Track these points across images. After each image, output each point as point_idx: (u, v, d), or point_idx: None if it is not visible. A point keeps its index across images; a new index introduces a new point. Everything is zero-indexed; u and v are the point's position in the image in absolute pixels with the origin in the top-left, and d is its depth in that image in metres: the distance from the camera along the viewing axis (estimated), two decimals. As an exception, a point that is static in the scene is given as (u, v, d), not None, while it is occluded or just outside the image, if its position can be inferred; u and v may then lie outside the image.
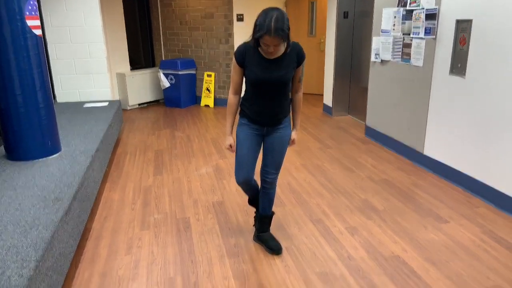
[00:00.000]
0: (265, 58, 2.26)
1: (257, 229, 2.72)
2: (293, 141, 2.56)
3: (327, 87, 6.35)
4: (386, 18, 4.44)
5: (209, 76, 6.99)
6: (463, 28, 3.35)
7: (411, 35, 4.01)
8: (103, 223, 3.03)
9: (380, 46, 4.59)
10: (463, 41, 3.36)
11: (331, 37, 6.03)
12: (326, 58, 6.28)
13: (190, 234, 2.84)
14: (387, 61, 4.51)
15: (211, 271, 2.42)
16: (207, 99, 7.10)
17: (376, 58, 4.70)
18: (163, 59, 7.30)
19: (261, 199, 2.64)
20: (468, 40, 3.29)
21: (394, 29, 4.31)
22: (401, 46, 4.22)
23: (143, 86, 7.05)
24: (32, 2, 2.88)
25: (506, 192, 3.05)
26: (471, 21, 3.26)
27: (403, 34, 4.16)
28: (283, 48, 2.22)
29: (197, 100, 7.26)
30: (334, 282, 2.29)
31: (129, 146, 4.90)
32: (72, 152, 3.25)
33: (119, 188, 3.66)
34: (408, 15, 4.05)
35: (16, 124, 2.94)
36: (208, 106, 7.10)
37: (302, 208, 3.20)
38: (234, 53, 2.31)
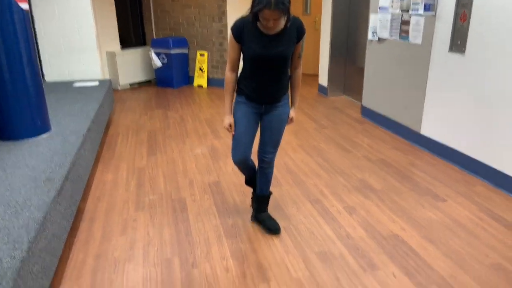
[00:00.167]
0: (264, 33, 2.16)
1: (254, 209, 2.68)
2: (291, 119, 2.50)
3: (322, 67, 6.26)
4: (384, -5, 4.33)
5: (202, 55, 6.84)
6: (463, 4, 3.27)
7: (410, 12, 3.92)
8: (97, 204, 2.96)
9: (378, 23, 4.49)
10: (463, 17, 3.29)
11: (326, 15, 5.90)
12: (322, 37, 6.17)
13: (187, 214, 2.79)
14: (384, 39, 4.43)
15: (209, 251, 2.38)
16: (200, 79, 6.97)
17: (373, 36, 4.61)
18: (154, 37, 7.11)
19: (258, 179, 2.59)
20: (469, 16, 3.22)
21: (392, 5, 4.21)
22: (399, 24, 4.13)
23: (134, 65, 6.88)
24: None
25: (503, 170, 3.04)
26: (472, -4, 3.18)
27: (402, 11, 4.06)
28: (283, 22, 2.13)
29: (189, 80, 7.12)
30: (333, 261, 2.27)
31: (121, 126, 4.79)
32: (63, 132, 3.15)
33: (112, 169, 3.58)
34: (407, -9, 3.95)
35: (3, 101, 2.83)
36: (201, 86, 6.97)
37: (300, 188, 3.16)
38: (231, 28, 2.21)
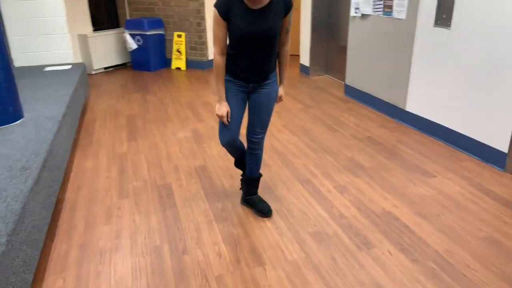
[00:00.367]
0: (250, 8, 2.04)
1: (244, 192, 2.60)
2: (280, 97, 2.40)
3: (303, 47, 6.15)
4: (367, -30, 4.24)
5: (179, 36, 6.60)
6: (449, -23, 3.22)
7: (394, -13, 3.84)
8: (77, 193, 2.81)
9: (360, -1, 4.40)
10: (449, -10, 3.23)
11: (307, -8, 5.76)
12: (302, 16, 6.04)
13: (174, 200, 2.69)
14: (367, 15, 4.35)
15: (200, 237, 2.29)
16: (178, 62, 6.74)
17: (356, 13, 4.52)
18: (128, 18, 6.81)
19: (247, 161, 2.50)
20: (455, -10, 3.17)
21: (375, -19, 4.12)
22: (382, -1, 4.06)
23: (107, 48, 6.58)
24: None
25: (491, 144, 3.05)
26: (458, -31, 3.12)
27: (385, -14, 3.98)
28: (269, -6, 2.01)
29: (167, 62, 6.89)
30: (329, 241, 2.23)
31: (97, 111, 4.58)
32: (36, 118, 2.96)
33: (91, 156, 3.41)
34: (391, -35, 3.86)
35: (-32, 87, 2.62)
36: (179, 69, 6.75)
37: (289, 169, 3.10)
38: (215, 5, 2.06)
